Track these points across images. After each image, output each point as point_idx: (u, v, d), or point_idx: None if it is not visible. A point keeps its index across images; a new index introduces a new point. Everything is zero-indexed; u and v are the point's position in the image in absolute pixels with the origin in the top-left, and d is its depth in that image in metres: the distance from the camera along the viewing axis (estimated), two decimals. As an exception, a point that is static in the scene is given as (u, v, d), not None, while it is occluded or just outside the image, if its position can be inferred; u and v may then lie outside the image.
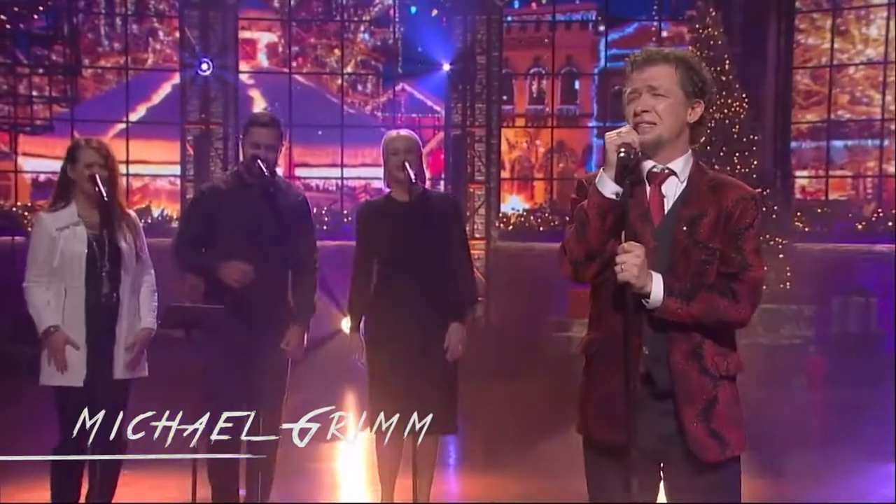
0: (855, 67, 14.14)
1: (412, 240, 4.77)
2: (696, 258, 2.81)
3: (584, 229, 2.78)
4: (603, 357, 2.87)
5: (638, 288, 2.70)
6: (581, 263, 2.81)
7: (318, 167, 15.63)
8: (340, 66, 15.61)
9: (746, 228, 2.83)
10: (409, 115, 16.22)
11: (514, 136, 17.96)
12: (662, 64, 2.84)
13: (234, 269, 4.63)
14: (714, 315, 2.78)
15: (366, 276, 4.87)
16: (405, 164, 4.78)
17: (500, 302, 13.08)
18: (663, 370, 2.80)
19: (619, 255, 2.68)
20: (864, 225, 12.56)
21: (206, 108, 13.32)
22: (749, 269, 2.82)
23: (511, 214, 13.94)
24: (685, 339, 2.80)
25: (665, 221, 2.85)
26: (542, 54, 16.70)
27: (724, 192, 2.85)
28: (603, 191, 2.75)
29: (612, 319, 2.82)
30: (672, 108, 2.83)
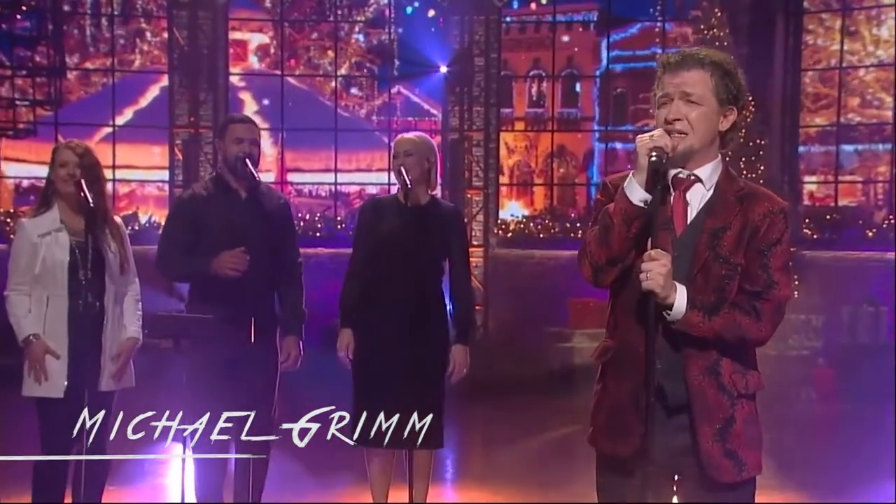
0: (865, 69, 14.18)
1: (411, 244, 4.78)
2: (716, 273, 2.78)
3: (608, 234, 2.76)
4: (615, 366, 2.86)
5: (661, 298, 2.69)
6: (602, 268, 2.80)
7: (311, 172, 15.64)
8: (334, 67, 15.63)
9: (773, 244, 2.80)
10: (404, 119, 16.25)
11: (514, 141, 17.98)
12: (697, 69, 2.80)
13: (227, 258, 4.62)
14: (735, 332, 2.76)
15: (362, 272, 4.87)
16: (401, 168, 4.80)
17: (498, 311, 13.08)
18: (676, 385, 2.79)
19: (645, 263, 2.67)
20: (874, 232, 12.57)
21: (196, 112, 13.33)
22: (774, 288, 2.80)
23: (510, 221, 13.95)
24: (701, 356, 2.79)
25: (687, 232, 2.82)
26: (541, 56, 16.74)
27: (752, 203, 2.82)
28: (631, 197, 2.72)
29: (628, 328, 2.82)
30: (705, 116, 2.80)
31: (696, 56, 2.82)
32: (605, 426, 2.86)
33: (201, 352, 4.55)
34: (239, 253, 4.61)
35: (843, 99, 13.83)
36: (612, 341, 2.89)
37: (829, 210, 13.41)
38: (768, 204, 2.83)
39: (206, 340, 4.46)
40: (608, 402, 2.86)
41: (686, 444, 2.79)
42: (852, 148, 14.53)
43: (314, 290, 5.19)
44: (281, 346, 4.85)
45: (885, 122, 13.74)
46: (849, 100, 14.14)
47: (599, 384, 2.93)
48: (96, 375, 4.49)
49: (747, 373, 2.83)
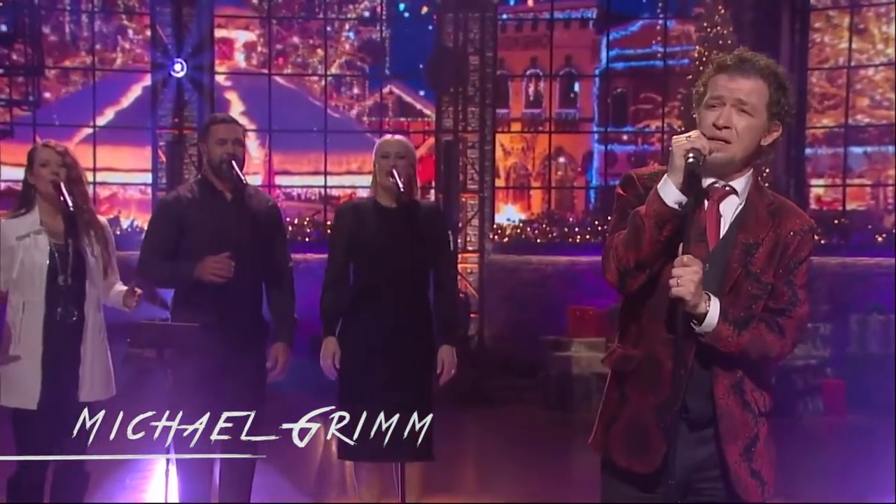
0: (874, 68, 14.21)
1: (396, 248, 4.81)
2: (746, 291, 2.81)
3: (639, 237, 2.74)
4: (638, 379, 2.86)
5: (691, 307, 2.69)
6: (629, 272, 2.79)
7: (299, 175, 15.63)
8: (324, 66, 15.63)
9: (801, 262, 2.84)
10: (397, 120, 16.26)
11: (510, 142, 18.00)
12: (757, 77, 2.79)
13: (211, 263, 4.60)
14: (760, 349, 2.79)
15: (342, 278, 4.89)
16: (393, 170, 4.82)
17: (494, 319, 13.08)
18: (702, 402, 2.81)
19: (677, 269, 2.67)
20: (884, 237, 12.58)
21: (180, 112, 13.31)
22: (798, 305, 2.84)
23: (506, 225, 13.96)
24: (728, 374, 2.81)
25: (720, 246, 2.83)
26: (539, 55, 16.76)
27: (783, 219, 2.85)
28: (665, 198, 2.71)
29: (655, 339, 2.82)
30: (754, 129, 2.80)
31: (757, 64, 2.81)
32: (622, 438, 2.87)
33: (186, 362, 4.54)
34: (224, 258, 4.59)
35: (851, 99, 13.86)
36: (636, 351, 2.88)
37: (836, 214, 13.43)
38: (799, 221, 2.87)
39: (191, 350, 4.45)
40: (628, 414, 2.87)
41: (703, 459, 2.82)
42: (861, 150, 14.57)
43: (303, 298, 5.18)
44: (263, 353, 4.84)
45: (894, 123, 13.77)
46: (857, 100, 14.17)
47: (614, 393, 2.92)
48: (75, 387, 4.48)
49: (764, 392, 2.88)
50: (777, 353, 2.83)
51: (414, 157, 5.01)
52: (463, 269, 13.31)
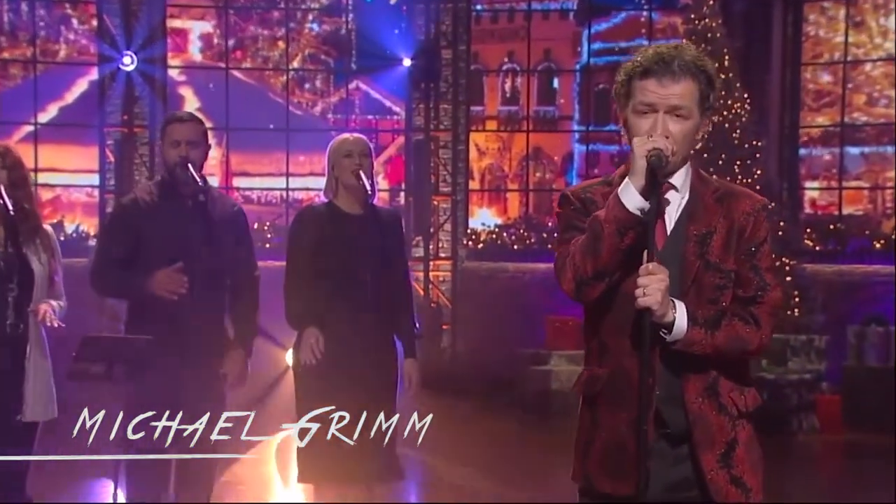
0: (872, 64, 14.30)
1: (363, 260, 4.81)
2: (709, 283, 2.83)
3: (598, 244, 2.76)
4: (609, 397, 2.88)
5: (658, 316, 2.71)
6: (587, 282, 2.81)
7: (259, 177, 15.58)
8: (285, 60, 15.61)
9: (761, 244, 2.87)
10: (364, 117, 16.23)
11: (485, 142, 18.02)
12: (688, 79, 2.83)
13: (165, 278, 4.60)
14: (737, 345, 2.82)
15: (304, 290, 4.87)
16: (360, 171, 4.82)
17: (468, 331, 13.10)
18: (676, 411, 2.83)
19: (642, 278, 2.68)
20: (882, 243, 12.66)
21: (129, 109, 13.26)
22: (768, 290, 2.86)
23: (481, 231, 13.99)
24: (700, 376, 2.83)
25: (669, 243, 2.86)
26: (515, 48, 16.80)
27: (733, 203, 2.88)
28: (627, 203, 2.73)
29: (621, 353, 2.84)
30: (690, 131, 2.85)
31: (686, 65, 2.84)
32: (600, 462, 2.88)
33: (138, 378, 4.53)
34: (174, 273, 4.58)
35: (847, 96, 13.96)
36: (602, 369, 2.90)
37: (832, 219, 13.51)
38: (750, 202, 2.90)
39: (144, 365, 4.44)
40: (603, 438, 2.89)
41: (687, 476, 2.84)
42: (858, 150, 14.64)
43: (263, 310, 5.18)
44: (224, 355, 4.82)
45: (893, 121, 13.85)
46: (854, 97, 14.26)
47: (587, 417, 2.95)
48: (18, 405, 4.45)
49: (745, 390, 2.90)
50: (756, 346, 2.85)
51: (373, 157, 5.05)
52: (435, 278, 13.34)
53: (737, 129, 11.60)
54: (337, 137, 5.11)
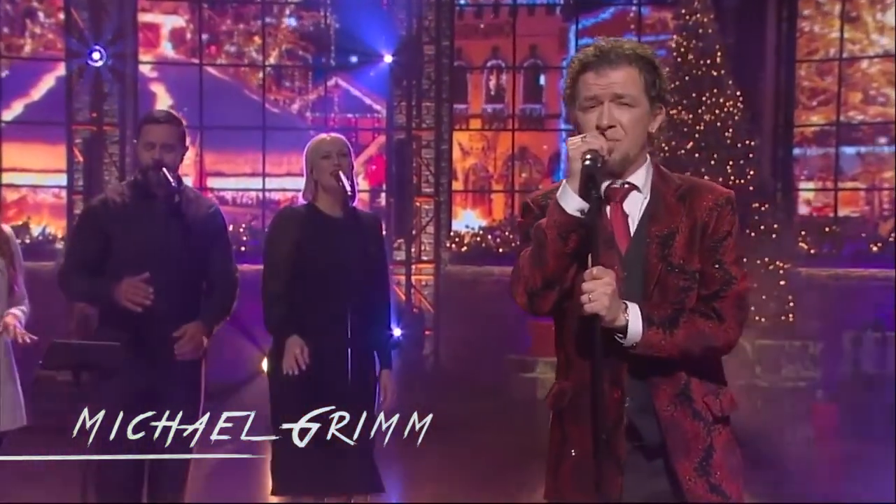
0: (868, 60, 14.34)
1: (343, 263, 4.81)
2: (673, 285, 2.85)
3: (542, 252, 2.79)
4: (576, 411, 2.89)
5: (609, 321, 2.72)
6: (538, 293, 2.83)
7: (234, 177, 15.55)
8: (262, 56, 15.59)
9: (724, 238, 2.88)
10: (343, 115, 16.22)
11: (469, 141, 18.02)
12: (627, 66, 2.87)
13: (129, 288, 4.58)
14: (701, 342, 2.82)
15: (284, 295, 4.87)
16: (339, 172, 4.83)
17: (451, 337, 13.10)
18: (650, 421, 2.83)
19: (586, 283, 2.70)
20: (880, 246, 12.72)
21: (99, 106, 13.22)
22: (733, 283, 2.87)
23: (465, 233, 13.99)
24: (670, 381, 2.84)
25: (633, 245, 2.88)
26: (501, 44, 16.81)
27: (695, 199, 2.90)
28: (566, 207, 2.76)
29: (583, 364, 2.85)
30: (639, 119, 2.88)
31: (623, 52, 2.88)
32: (572, 478, 2.89)
33: (106, 387, 4.51)
34: (139, 284, 4.56)
35: (843, 94, 14.00)
36: (567, 382, 2.92)
37: (827, 221, 13.56)
38: (712, 196, 2.91)
39: (113, 373, 4.43)
40: (572, 453, 2.90)
41: (664, 490, 2.84)
42: (854, 150, 14.68)
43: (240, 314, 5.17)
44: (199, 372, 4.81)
45: (890, 120, 13.89)
46: (850, 95, 14.31)
47: (557, 432, 2.97)
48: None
49: (720, 392, 2.91)
50: (723, 342, 2.85)
51: (352, 157, 5.06)
52: (417, 282, 13.33)
53: (729, 129, 11.64)
54: (314, 137, 5.11)
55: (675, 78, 11.66)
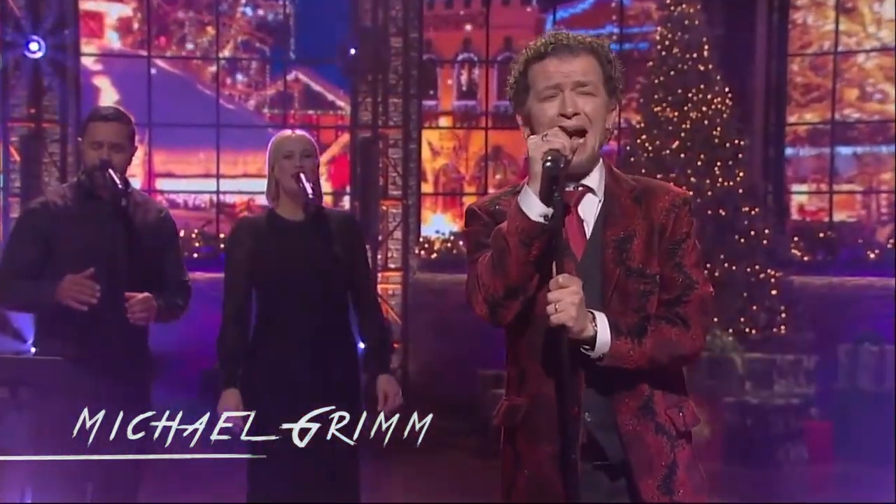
0: (865, 55, 14.42)
1: (308, 272, 4.81)
2: (633, 290, 2.88)
3: (504, 260, 2.80)
4: (529, 430, 2.91)
5: (576, 332, 2.73)
6: (500, 303, 2.85)
7: (186, 178, 15.51)
8: (215, 48, 15.55)
9: (683, 240, 2.92)
10: (303, 112, 16.21)
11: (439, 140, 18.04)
12: (587, 55, 2.92)
13: (73, 285, 4.55)
14: (669, 350, 2.85)
15: (243, 315, 4.88)
16: (300, 174, 4.83)
17: (421, 350, 13.10)
18: (611, 437, 2.86)
19: (552, 292, 2.71)
20: (877, 253, 12.78)
21: (37, 102, 13.15)
22: (695, 287, 2.91)
23: (435, 239, 14.00)
24: (633, 394, 2.86)
25: (588, 251, 2.91)
26: (473, 36, 16.85)
27: (650, 201, 2.94)
28: (528, 212, 2.76)
29: (540, 378, 2.87)
30: (601, 110, 2.93)
31: (582, 40, 2.94)
32: (527, 501, 2.91)
33: (47, 404, 4.49)
34: (84, 280, 4.53)
35: (838, 91, 14.09)
36: (520, 398, 2.94)
37: (822, 226, 13.61)
38: (668, 197, 2.96)
39: (54, 389, 4.40)
40: (525, 476, 2.92)
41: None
42: (850, 150, 14.76)
43: (190, 325, 5.16)
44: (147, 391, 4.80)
45: (888, 118, 13.97)
46: (845, 92, 14.39)
47: (509, 453, 2.99)
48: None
49: (682, 405, 2.95)
50: (690, 349, 2.88)
51: (317, 156, 5.07)
52: (383, 291, 13.32)
53: (717, 127, 11.68)
54: (278, 135, 5.12)
55: (660, 73, 11.71)
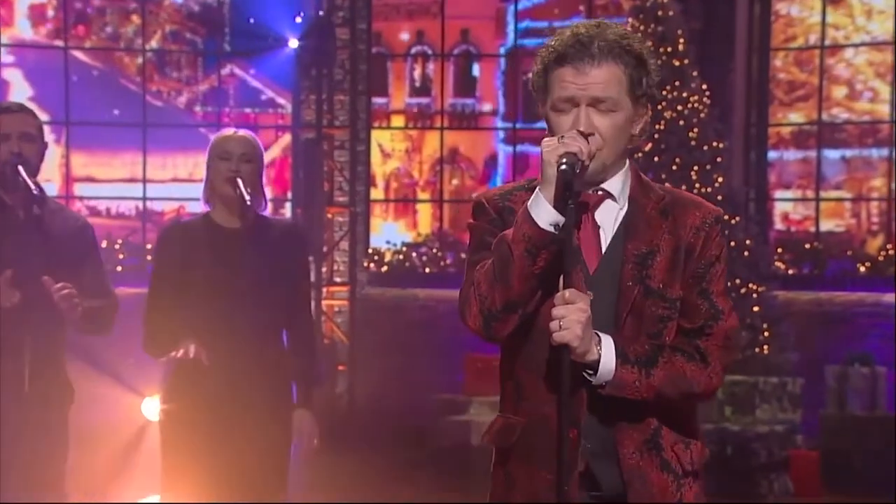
0: (855, 49, 14.51)
1: (243, 284, 4.80)
2: (651, 313, 2.86)
3: (506, 271, 2.78)
4: (525, 451, 2.90)
5: (580, 354, 2.73)
6: (496, 316, 2.83)
7: (109, 183, 15.43)
8: (142, 38, 15.50)
9: (712, 264, 2.90)
10: (240, 110, 16.17)
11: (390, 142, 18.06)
12: (609, 63, 2.86)
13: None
14: (680, 387, 2.83)
15: (169, 326, 4.85)
16: (237, 178, 4.83)
17: (369, 373, 13.09)
18: (610, 468, 2.86)
19: (557, 308, 2.70)
20: (868, 267, 12.85)
21: (-58, 97, 13.07)
22: (720, 319, 2.89)
23: (385, 250, 14.01)
24: (638, 427, 2.85)
25: (604, 264, 2.89)
26: (427, 27, 16.89)
27: (679, 215, 2.91)
28: (537, 219, 2.75)
29: (539, 398, 2.86)
30: (621, 126, 2.89)
31: (605, 43, 2.86)
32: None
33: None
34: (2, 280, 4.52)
35: (825, 89, 14.17)
36: (516, 417, 2.94)
37: (808, 237, 13.69)
38: (700, 213, 2.93)
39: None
40: (518, 498, 2.91)
41: None
42: (838, 154, 14.83)
43: (115, 348, 5.16)
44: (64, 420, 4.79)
45: (879, 119, 14.05)
46: (833, 90, 14.47)
47: (500, 475, 2.98)
48: None
49: (690, 442, 2.93)
50: (704, 387, 2.87)
51: (261, 158, 5.08)
52: (328, 308, 13.32)
53: (694, 128, 11.74)
54: (219, 133, 5.13)
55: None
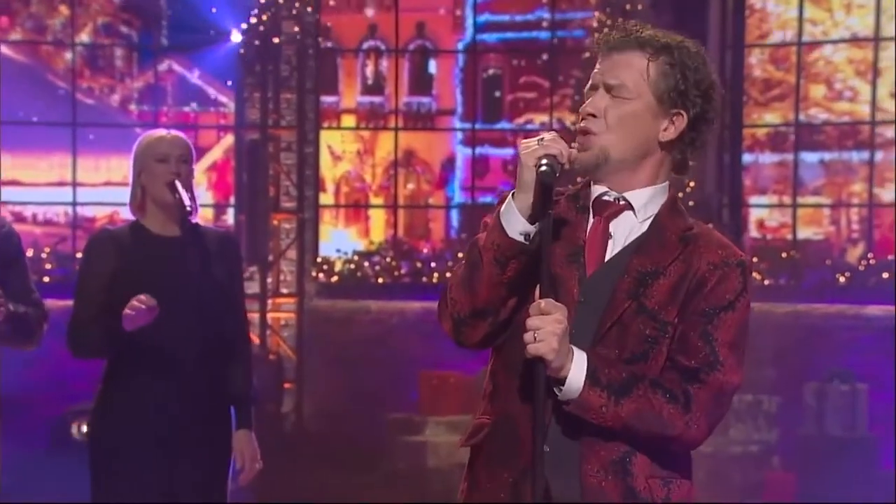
0: (833, 46, 14.59)
1: (179, 297, 4.79)
2: (637, 330, 2.85)
3: (474, 277, 2.81)
4: (490, 452, 2.93)
5: (555, 368, 2.73)
6: (464, 321, 2.86)
7: (36, 187, 15.37)
8: (71, 31, 15.44)
9: (724, 308, 2.86)
10: (178, 109, 16.14)
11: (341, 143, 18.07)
12: (633, 50, 2.89)
13: None
14: (651, 425, 2.79)
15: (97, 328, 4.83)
16: (176, 181, 4.82)
17: (317, 391, 13.08)
18: (570, 483, 2.84)
19: (532, 319, 2.70)
20: (848, 277, 12.92)
21: None
22: (717, 370, 2.83)
23: (335, 259, 13.99)
24: (606, 445, 2.83)
25: (603, 271, 2.89)
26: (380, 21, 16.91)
27: (699, 248, 2.89)
28: (507, 227, 2.76)
29: (509, 398, 2.88)
30: (633, 117, 2.89)
31: (635, 34, 2.92)
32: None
33: None
34: None
35: (802, 88, 14.23)
36: (487, 416, 2.96)
37: (785, 245, 13.76)
38: (722, 252, 2.91)
39: None
40: (478, 500, 2.94)
41: None
42: (816, 157, 14.91)
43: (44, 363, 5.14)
44: None
45: (860, 120, 14.12)
46: (811, 89, 14.54)
47: (467, 479, 3.00)
48: None
49: (673, 481, 2.89)
50: (679, 433, 2.81)
51: (193, 160, 5.08)
52: (274, 321, 13.29)
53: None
54: (147, 134, 5.09)
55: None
